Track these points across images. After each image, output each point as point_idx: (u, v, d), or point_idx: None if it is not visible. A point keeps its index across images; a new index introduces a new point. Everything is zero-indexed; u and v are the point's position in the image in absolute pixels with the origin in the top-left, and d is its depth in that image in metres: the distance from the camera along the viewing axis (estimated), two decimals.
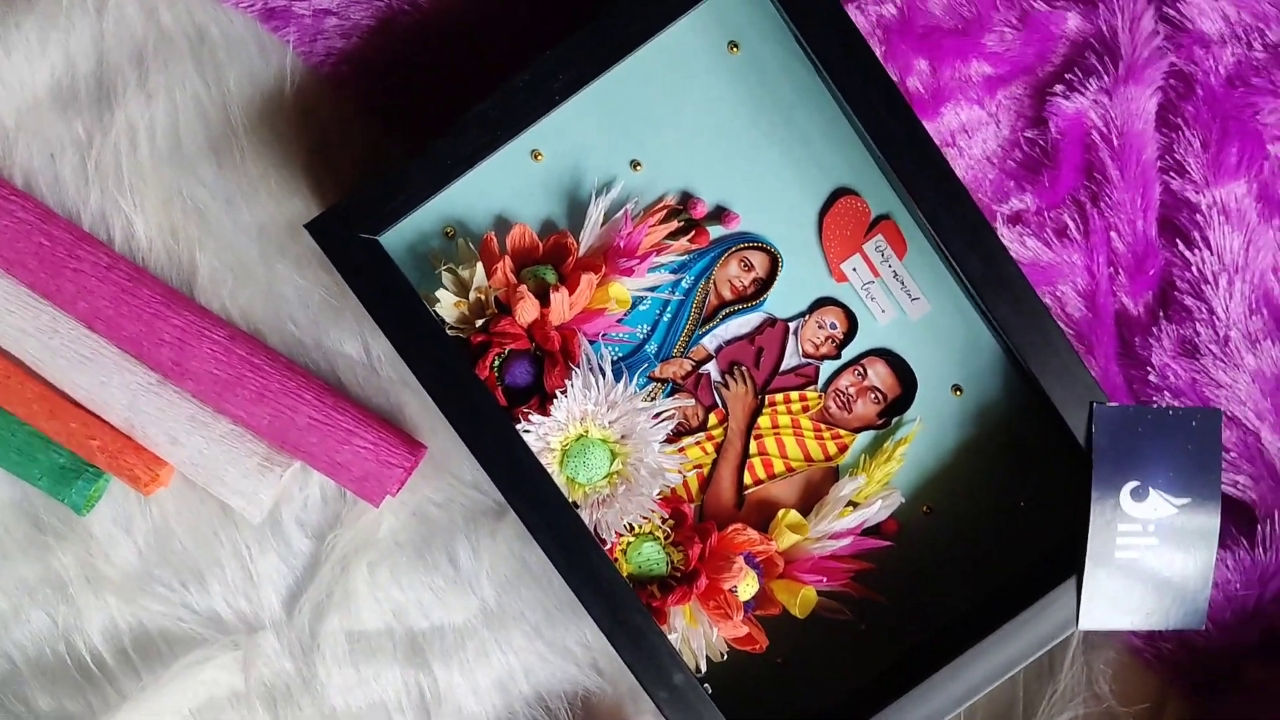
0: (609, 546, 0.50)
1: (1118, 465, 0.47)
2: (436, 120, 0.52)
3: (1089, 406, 0.48)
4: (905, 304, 0.52)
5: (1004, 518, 0.52)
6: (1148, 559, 0.48)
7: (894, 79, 0.52)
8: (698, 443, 0.52)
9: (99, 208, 0.53)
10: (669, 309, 0.52)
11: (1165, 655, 0.52)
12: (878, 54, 0.52)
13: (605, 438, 0.50)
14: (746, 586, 0.51)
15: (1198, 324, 0.52)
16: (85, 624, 0.55)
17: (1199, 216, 0.52)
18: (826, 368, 0.52)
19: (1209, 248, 0.52)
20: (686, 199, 0.52)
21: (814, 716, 0.51)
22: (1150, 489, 0.48)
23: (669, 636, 0.49)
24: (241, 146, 0.53)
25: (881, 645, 0.52)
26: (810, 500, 0.53)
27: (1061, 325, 0.53)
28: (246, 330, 0.53)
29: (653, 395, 0.52)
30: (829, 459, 0.53)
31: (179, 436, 0.52)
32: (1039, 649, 0.48)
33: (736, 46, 0.51)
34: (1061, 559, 0.49)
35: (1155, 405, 0.49)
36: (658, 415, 0.51)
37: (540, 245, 0.51)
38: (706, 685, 0.49)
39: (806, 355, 0.52)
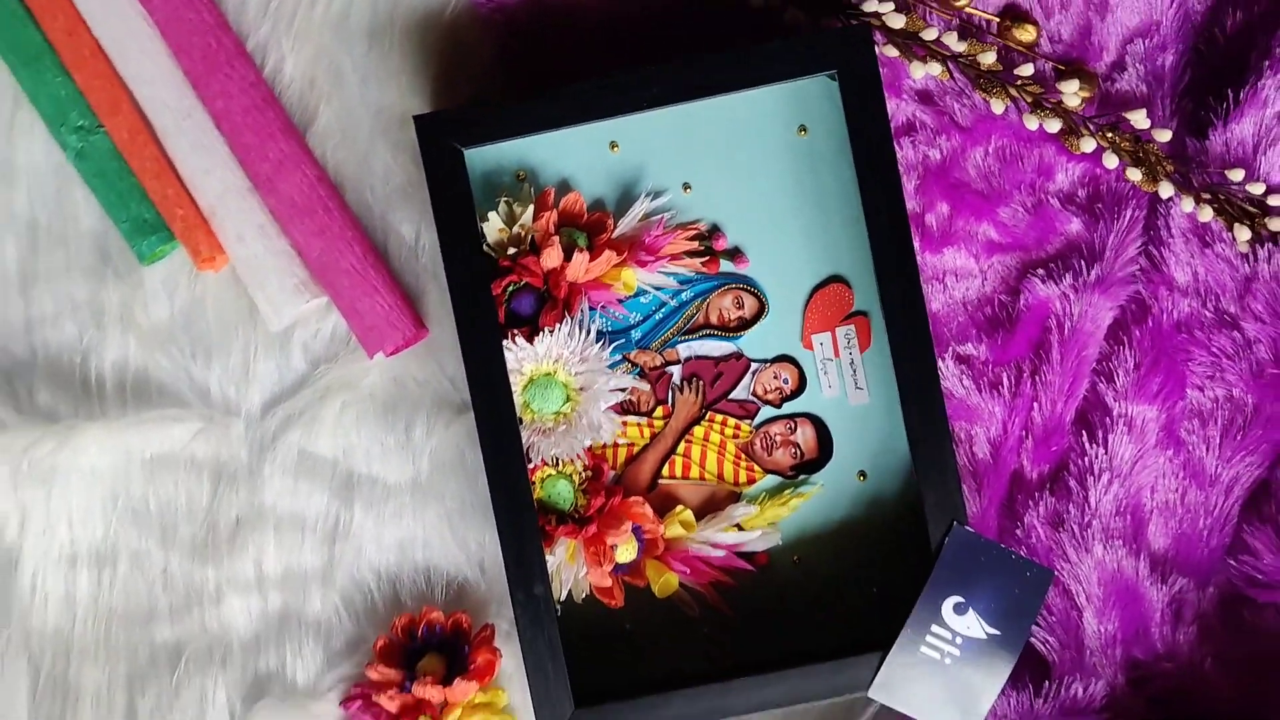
0: (532, 468, 0.59)
1: (953, 578, 0.56)
2: (552, 85, 0.62)
3: (950, 524, 0.56)
4: (850, 389, 0.60)
5: (856, 594, 0.60)
6: (946, 664, 0.56)
7: (912, 209, 0.62)
8: (639, 424, 0.61)
9: (265, 38, 0.63)
10: (663, 310, 0.61)
11: None
12: (911, 185, 0.62)
13: (567, 383, 0.59)
14: (625, 550, 0.59)
15: (1071, 504, 0.60)
16: (103, 351, 0.63)
17: (1109, 420, 0.61)
18: (766, 411, 0.61)
19: (1106, 449, 0.60)
20: (714, 230, 0.61)
21: (630, 679, 0.59)
22: (971, 609, 0.56)
23: (548, 559, 0.58)
24: (393, 41, 0.63)
25: (712, 650, 0.60)
26: (707, 509, 0.61)
27: (963, 458, 0.61)
28: (333, 180, 0.63)
29: (619, 370, 0.60)
30: (736, 484, 0.61)
31: (245, 236, 0.61)
32: (830, 695, 0.56)
33: (805, 130, 0.60)
34: (886, 640, 0.57)
35: (1005, 546, 0.57)
36: (615, 385, 0.60)
37: (585, 215, 0.60)
38: (558, 605, 0.58)
39: (754, 395, 0.61)
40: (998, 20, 0.61)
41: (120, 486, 0.63)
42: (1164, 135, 0.59)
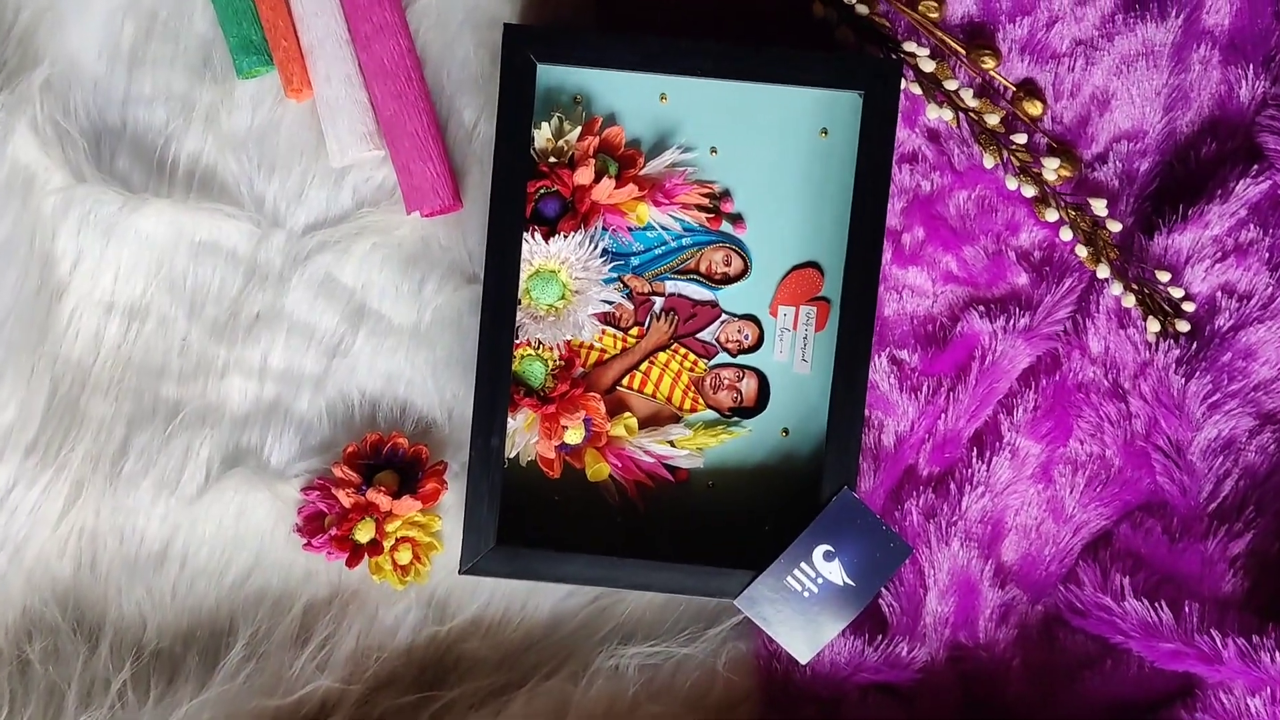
0: (517, 343, 0.66)
1: (828, 530, 0.64)
2: (628, 32, 0.67)
3: (841, 486, 0.64)
4: (796, 359, 0.67)
5: (750, 524, 0.66)
6: (804, 596, 0.64)
7: (894, 226, 0.68)
8: (615, 336, 0.67)
9: None
10: (663, 248, 0.67)
11: (773, 672, 0.69)
12: (898, 205, 0.68)
13: (566, 282, 0.67)
14: (573, 433, 0.67)
15: (946, 503, 0.68)
16: (184, 140, 0.67)
17: (999, 444, 0.68)
18: (723, 357, 0.67)
19: (988, 467, 0.68)
20: (725, 194, 0.66)
21: (546, 538, 0.66)
22: (837, 559, 0.64)
23: (508, 421, 0.65)
24: None
25: (619, 535, 0.67)
26: (650, 422, 0.67)
27: (870, 440, 0.69)
28: (419, 55, 0.67)
29: (612, 286, 0.67)
30: (680, 409, 0.67)
31: (332, 79, 0.66)
32: (702, 593, 0.65)
33: (826, 133, 0.66)
34: (762, 565, 0.64)
35: (879, 517, 0.65)
36: (605, 298, 0.67)
37: (622, 148, 0.66)
38: (505, 460, 0.66)
39: (717, 340, 0.67)
40: (1014, 89, 0.69)
41: (167, 258, 0.67)
42: (1115, 226, 0.67)
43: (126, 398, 0.69)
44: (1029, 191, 0.68)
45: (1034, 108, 0.68)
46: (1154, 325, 0.68)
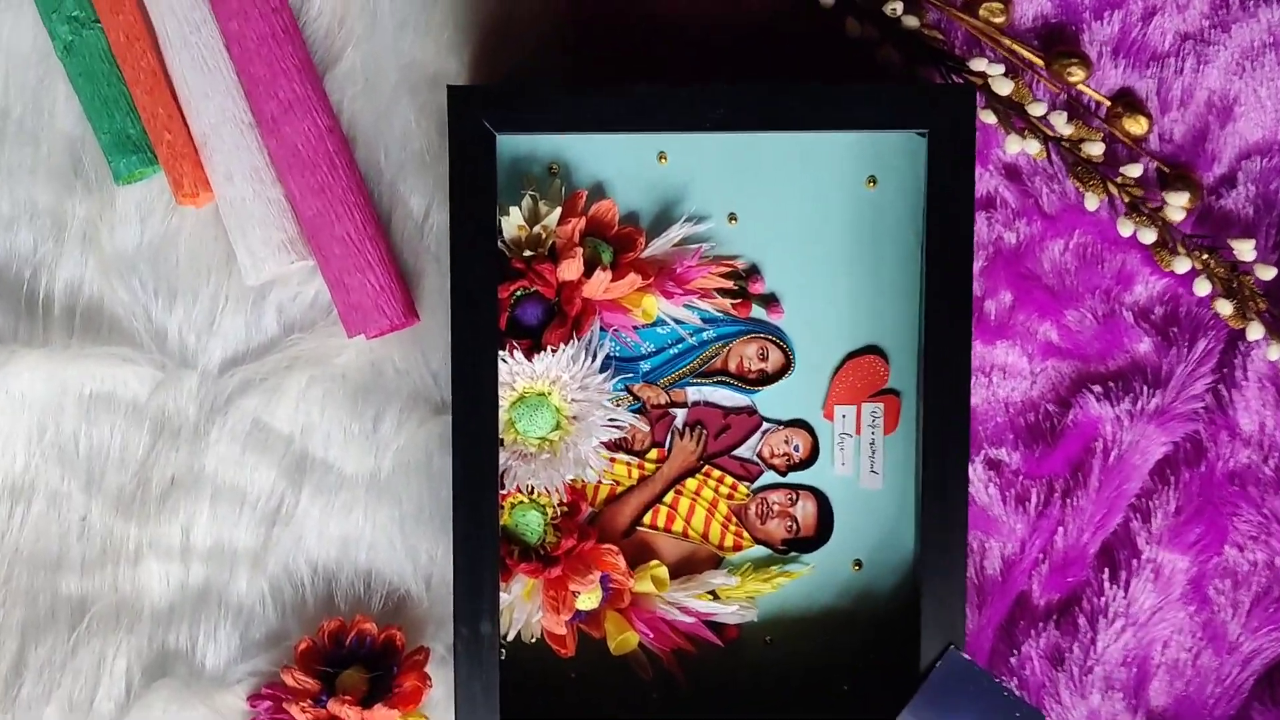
0: (504, 494, 0.55)
1: (936, 704, 0.52)
2: (609, 81, 0.58)
3: (947, 645, 0.53)
4: (864, 471, 0.57)
5: (824, 689, 0.57)
6: None
7: (976, 292, 0.58)
8: (628, 463, 0.57)
9: None
10: (680, 346, 0.57)
11: None
12: (977, 265, 0.58)
13: (560, 408, 0.55)
14: (588, 598, 0.55)
15: (1076, 644, 0.58)
16: (57, 268, 0.60)
17: (1135, 562, 0.58)
18: (769, 476, 0.57)
19: (1126, 592, 0.58)
20: (752, 271, 0.57)
21: None
22: None
23: (501, 595, 0.54)
24: None
25: (657, 716, 0.57)
26: (684, 569, 0.57)
27: (970, 570, 0.58)
28: (345, 132, 0.59)
29: (619, 403, 0.57)
30: (721, 548, 0.58)
31: (235, 177, 0.58)
32: None
33: (874, 182, 0.56)
34: None
35: (999, 679, 0.54)
36: (612, 420, 0.56)
37: (616, 227, 0.56)
38: (503, 649, 0.54)
39: (760, 456, 0.57)
40: (1109, 104, 0.57)
41: (50, 419, 0.61)
42: (1268, 273, 0.56)
43: (18, 600, 0.61)
44: (1147, 236, 0.57)
45: (1137, 125, 0.57)
46: None
